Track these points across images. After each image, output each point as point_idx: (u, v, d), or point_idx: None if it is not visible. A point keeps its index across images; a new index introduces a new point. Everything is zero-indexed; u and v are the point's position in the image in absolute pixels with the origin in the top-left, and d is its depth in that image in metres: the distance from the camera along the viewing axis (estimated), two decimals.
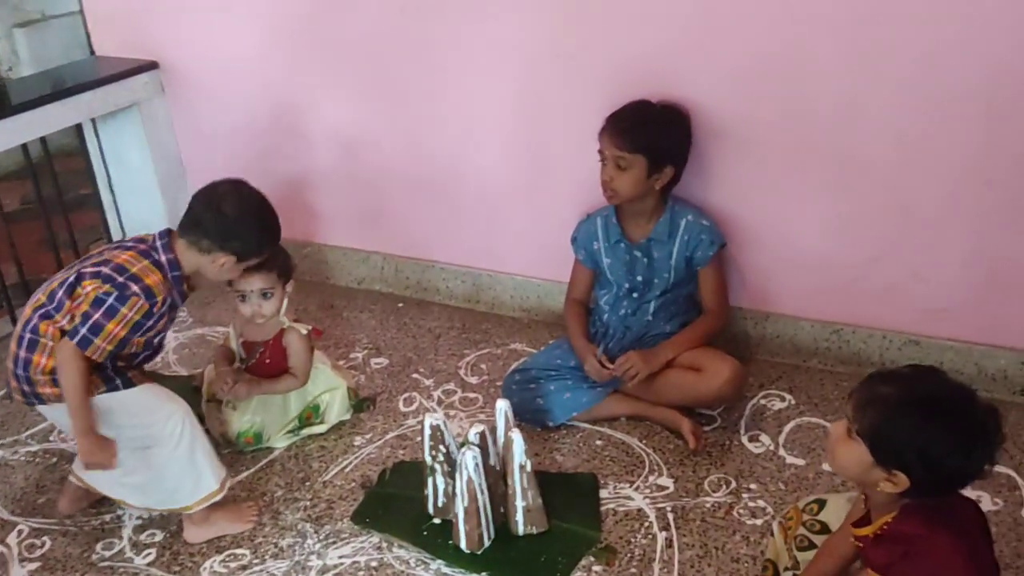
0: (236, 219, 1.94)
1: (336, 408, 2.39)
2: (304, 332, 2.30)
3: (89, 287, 1.82)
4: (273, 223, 2.07)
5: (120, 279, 1.84)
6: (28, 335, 1.86)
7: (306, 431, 2.36)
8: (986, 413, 1.41)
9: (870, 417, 1.44)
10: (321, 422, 2.38)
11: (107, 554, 2.02)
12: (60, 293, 1.86)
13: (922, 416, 1.40)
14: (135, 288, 1.84)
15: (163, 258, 1.92)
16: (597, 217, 2.45)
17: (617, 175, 2.27)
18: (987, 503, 2.02)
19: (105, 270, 1.84)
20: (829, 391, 2.44)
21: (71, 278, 1.88)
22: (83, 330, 1.79)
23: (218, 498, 1.99)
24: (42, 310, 1.88)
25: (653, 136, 2.25)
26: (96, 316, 1.80)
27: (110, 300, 1.81)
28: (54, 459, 2.33)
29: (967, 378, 2.36)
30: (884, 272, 2.37)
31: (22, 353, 1.86)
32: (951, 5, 2.06)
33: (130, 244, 1.98)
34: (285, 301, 2.27)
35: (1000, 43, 2.05)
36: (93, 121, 3.08)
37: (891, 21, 2.12)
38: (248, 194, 2.02)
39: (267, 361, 2.30)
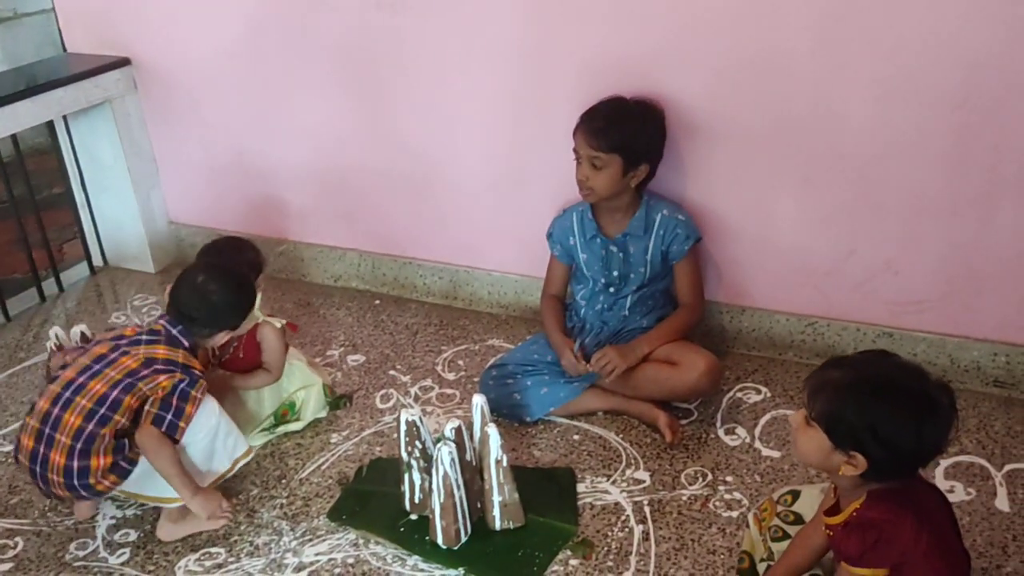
0: (225, 304, 2.06)
1: (312, 405, 2.38)
2: (279, 326, 2.29)
3: (163, 378, 1.91)
4: (249, 283, 2.18)
5: (182, 365, 1.95)
6: (80, 446, 1.86)
7: (282, 428, 2.34)
8: (937, 388, 1.44)
9: (822, 402, 1.48)
10: (297, 419, 2.36)
11: (81, 554, 2.00)
12: (115, 394, 1.88)
13: (871, 394, 1.44)
14: (196, 372, 1.96)
15: (186, 344, 2.01)
16: (572, 212, 2.45)
17: (593, 174, 2.27)
18: (960, 493, 2.03)
19: (161, 366, 1.93)
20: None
21: (121, 380, 1.90)
22: (169, 416, 1.90)
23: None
24: (95, 418, 1.87)
25: (628, 135, 2.25)
26: (177, 402, 1.91)
27: (182, 386, 1.92)
28: None
29: (940, 370, 2.38)
30: (858, 265, 2.39)
31: (75, 463, 1.85)
32: (925, 1, 2.07)
33: (149, 339, 1.98)
34: (259, 296, 2.26)
35: (974, 38, 2.06)
36: (65, 118, 3.05)
37: (865, 17, 2.13)
38: (222, 272, 2.10)
39: (240, 356, 2.29)
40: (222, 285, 2.05)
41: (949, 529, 1.51)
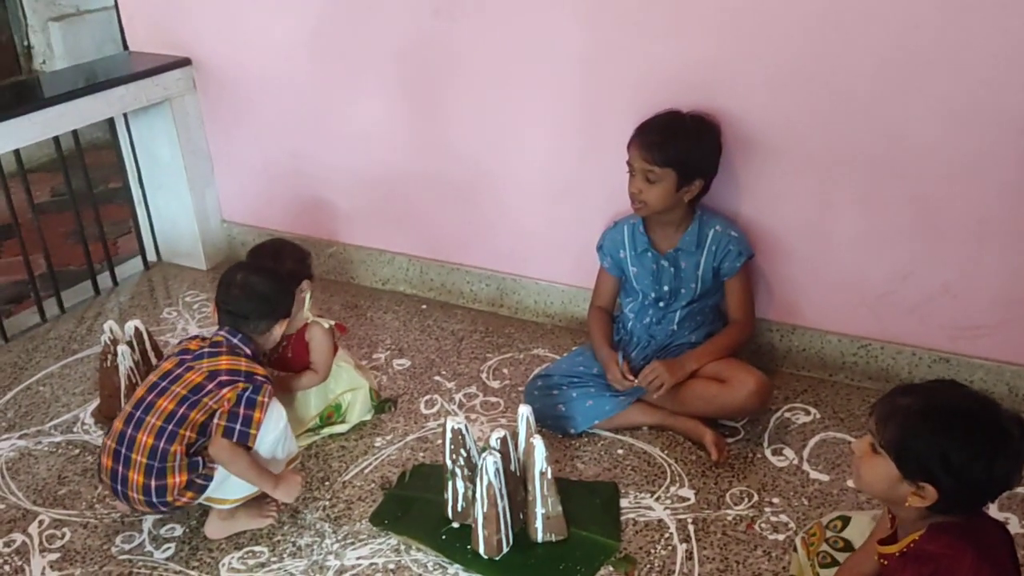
0: (271, 294, 2.09)
1: (358, 408, 2.39)
2: (327, 326, 2.31)
3: (227, 390, 1.94)
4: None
5: (244, 373, 1.97)
6: (156, 464, 1.89)
7: (327, 430, 2.36)
8: (1010, 420, 1.40)
9: (892, 429, 1.43)
10: (343, 421, 2.38)
11: (127, 547, 2.03)
12: (182, 410, 1.92)
13: (943, 423, 1.40)
14: (260, 378, 1.98)
15: (248, 351, 2.04)
16: (624, 225, 2.44)
17: (646, 188, 2.25)
18: (1015, 525, 1.98)
19: (225, 377, 1.95)
20: (855, 406, 2.41)
21: (188, 396, 1.93)
22: (238, 426, 1.92)
23: (257, 494, 2.01)
24: (165, 435, 1.90)
25: (683, 150, 2.23)
26: (244, 411, 1.93)
27: (247, 395, 1.94)
28: (77, 451, 2.34)
29: (998, 398, 2.28)
30: (915, 288, 2.34)
31: (152, 483, 1.89)
32: (996, 21, 2.02)
33: (212, 351, 2.01)
34: (308, 297, 2.29)
35: None
36: (125, 115, 3.10)
37: (930, 38, 2.09)
38: (259, 268, 2.16)
39: (289, 355, 2.31)
40: (262, 276, 2.11)
41: (1010, 567, 1.46)
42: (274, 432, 1.99)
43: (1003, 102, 2.08)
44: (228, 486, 1.96)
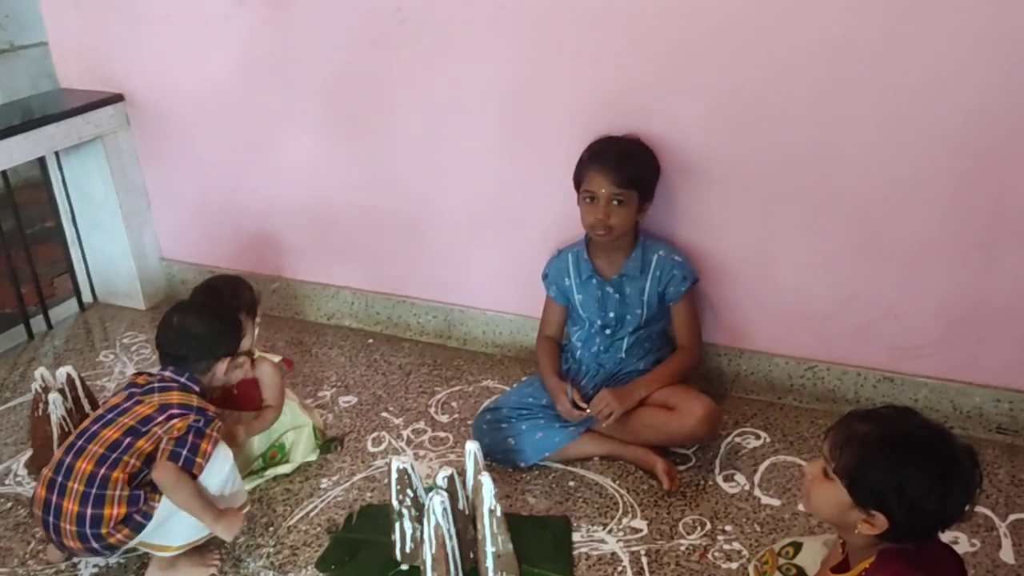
0: (209, 334, 2.05)
1: (302, 447, 2.33)
2: (276, 361, 2.27)
3: (177, 421, 1.89)
4: (227, 307, 2.18)
5: (196, 408, 1.93)
6: (94, 492, 1.82)
7: (271, 472, 2.29)
8: (963, 452, 1.40)
9: (847, 456, 1.42)
10: (286, 461, 2.31)
11: None
12: (128, 439, 1.87)
13: (900, 454, 1.39)
14: (211, 414, 1.95)
15: (197, 388, 2.00)
16: (568, 253, 2.42)
17: (613, 212, 2.24)
18: (964, 544, 1.98)
19: (176, 410, 1.91)
20: (804, 429, 2.41)
21: (135, 426, 1.88)
22: (185, 451, 1.87)
23: (199, 542, 1.94)
24: (107, 462, 1.84)
25: (642, 170, 2.27)
26: (192, 439, 1.89)
27: (197, 426, 1.90)
28: (9, 504, 2.25)
29: (942, 416, 2.34)
30: (859, 309, 2.36)
31: (88, 511, 1.81)
32: (928, 45, 2.06)
33: (163, 386, 1.97)
34: (256, 332, 2.25)
35: (976, 84, 2.05)
36: (56, 153, 3.02)
37: (863, 61, 2.11)
38: (198, 308, 2.13)
39: (235, 392, 2.25)
40: (199, 316, 2.07)
41: None
42: (220, 474, 1.93)
43: (935, 125, 2.11)
44: (169, 531, 1.89)
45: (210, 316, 2.09)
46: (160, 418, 1.89)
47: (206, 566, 2.01)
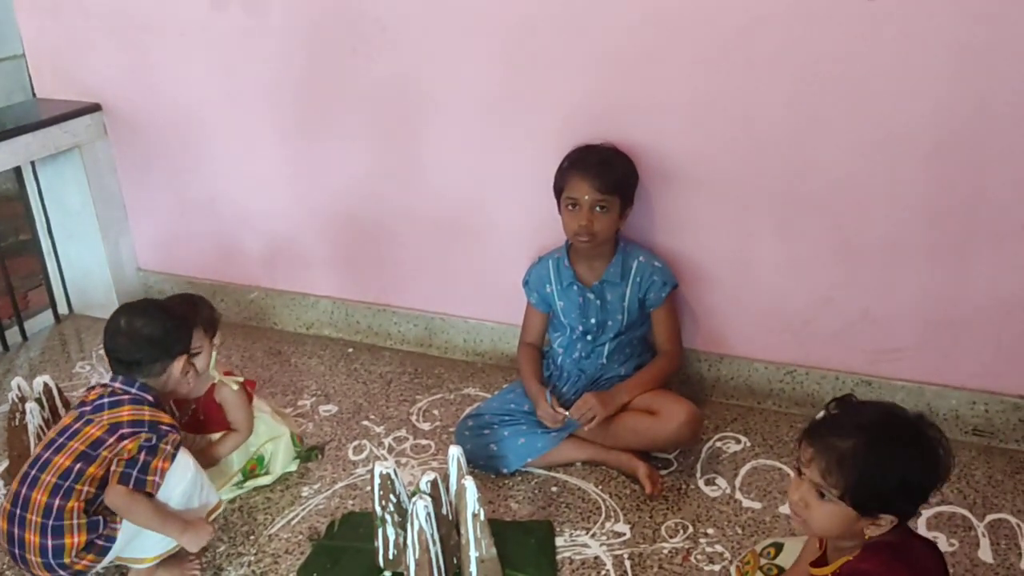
0: (159, 335, 1.96)
1: (281, 457, 2.31)
2: (235, 386, 2.21)
3: (128, 442, 1.85)
4: (177, 306, 2.11)
5: (148, 423, 1.88)
6: (52, 523, 1.79)
7: (251, 484, 2.27)
8: (918, 419, 1.45)
9: (846, 476, 1.41)
10: (267, 473, 2.29)
11: None
12: (79, 466, 1.82)
13: (890, 454, 1.41)
14: (165, 427, 1.89)
15: (150, 397, 1.94)
16: (548, 260, 2.43)
17: (597, 218, 2.26)
18: (943, 543, 2.00)
19: (127, 430, 1.86)
20: (784, 433, 2.43)
21: (85, 451, 1.84)
22: (135, 472, 1.83)
23: (176, 550, 1.92)
24: (60, 492, 1.80)
25: (623, 176, 2.29)
26: (144, 457, 1.84)
27: (150, 444, 1.85)
28: None
29: None
30: (836, 313, 2.38)
31: (49, 542, 1.78)
32: (895, 48, 2.09)
33: (112, 401, 1.91)
34: (214, 355, 2.15)
35: (944, 85, 2.08)
36: (32, 164, 3.00)
37: (836, 64, 2.15)
38: (141, 307, 2.03)
39: (201, 418, 2.22)
40: (146, 315, 1.97)
41: None
42: (182, 483, 1.89)
43: (908, 129, 2.15)
44: (142, 543, 1.87)
45: (159, 312, 1.99)
46: (110, 440, 1.84)
47: (186, 574, 1.98)
